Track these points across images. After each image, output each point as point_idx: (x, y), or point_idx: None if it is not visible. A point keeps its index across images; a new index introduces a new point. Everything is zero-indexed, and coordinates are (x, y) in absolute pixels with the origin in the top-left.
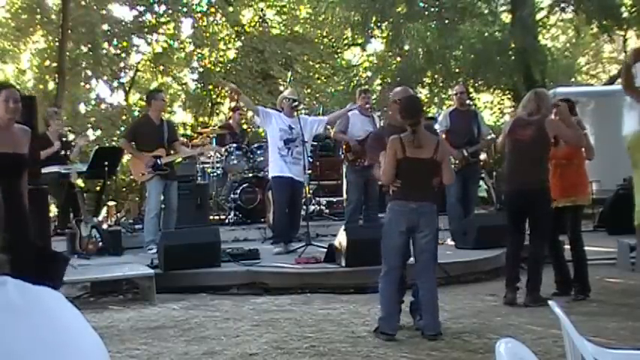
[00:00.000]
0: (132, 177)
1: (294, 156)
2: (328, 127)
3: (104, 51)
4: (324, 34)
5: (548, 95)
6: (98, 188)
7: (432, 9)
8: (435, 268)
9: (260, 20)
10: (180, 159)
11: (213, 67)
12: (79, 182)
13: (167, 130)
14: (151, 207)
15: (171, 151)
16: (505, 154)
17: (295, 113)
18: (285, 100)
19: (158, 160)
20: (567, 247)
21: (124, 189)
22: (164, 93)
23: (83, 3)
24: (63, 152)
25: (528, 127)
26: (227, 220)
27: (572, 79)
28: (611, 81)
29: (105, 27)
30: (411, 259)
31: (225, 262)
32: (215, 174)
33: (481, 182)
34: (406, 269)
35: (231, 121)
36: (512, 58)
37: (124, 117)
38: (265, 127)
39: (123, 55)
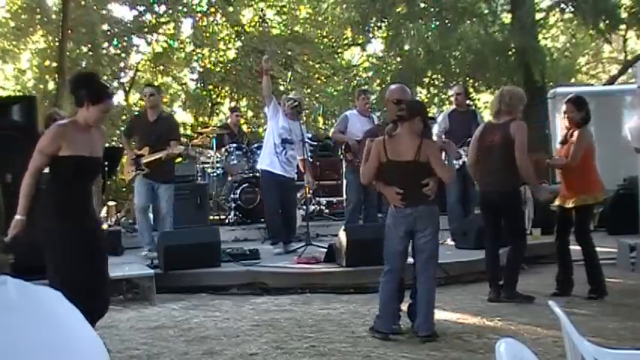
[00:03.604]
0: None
1: (287, 156)
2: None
3: (104, 51)
4: (324, 34)
5: (514, 92)
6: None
7: (432, 9)
8: (435, 268)
9: (260, 20)
10: (180, 159)
11: (213, 67)
12: None
13: (161, 129)
14: (136, 206)
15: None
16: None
17: (297, 116)
18: (287, 100)
19: (140, 160)
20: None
21: (124, 189)
22: (152, 87)
23: (83, 3)
24: None
25: (496, 131)
26: (227, 220)
27: (572, 79)
28: (611, 81)
29: (105, 27)
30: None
31: (225, 262)
32: (215, 174)
33: None
34: (405, 271)
35: (229, 121)
36: (512, 58)
37: (124, 117)
38: (270, 119)
39: (123, 55)
